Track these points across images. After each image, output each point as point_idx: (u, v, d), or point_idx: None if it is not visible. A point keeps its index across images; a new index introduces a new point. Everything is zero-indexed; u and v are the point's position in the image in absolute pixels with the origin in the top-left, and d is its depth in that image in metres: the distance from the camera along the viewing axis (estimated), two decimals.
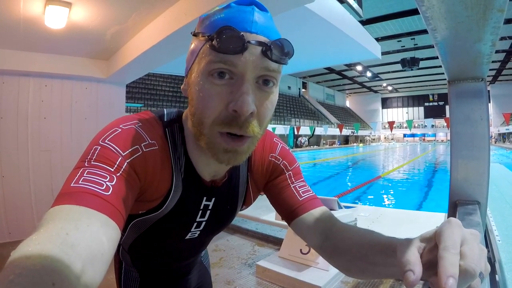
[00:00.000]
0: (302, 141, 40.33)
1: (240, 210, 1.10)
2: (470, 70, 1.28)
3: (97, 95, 5.72)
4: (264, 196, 1.09)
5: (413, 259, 0.52)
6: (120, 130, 0.75)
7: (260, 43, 0.69)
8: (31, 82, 4.98)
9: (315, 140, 45.28)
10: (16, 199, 4.88)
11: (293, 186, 1.00)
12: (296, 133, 36.47)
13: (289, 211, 0.96)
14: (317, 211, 0.95)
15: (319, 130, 41.84)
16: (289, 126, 37.18)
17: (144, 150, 0.76)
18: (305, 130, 38.49)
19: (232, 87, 0.70)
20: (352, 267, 0.83)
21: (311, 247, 0.95)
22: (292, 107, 46.44)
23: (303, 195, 0.98)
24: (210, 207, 0.97)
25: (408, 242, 0.58)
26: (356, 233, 0.84)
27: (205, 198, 0.95)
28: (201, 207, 0.96)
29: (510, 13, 22.07)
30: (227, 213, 1.05)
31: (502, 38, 27.13)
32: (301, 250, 3.88)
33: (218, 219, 1.03)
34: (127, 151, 0.72)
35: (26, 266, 0.40)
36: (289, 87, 50.28)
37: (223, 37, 0.66)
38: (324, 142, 47.13)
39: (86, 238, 0.51)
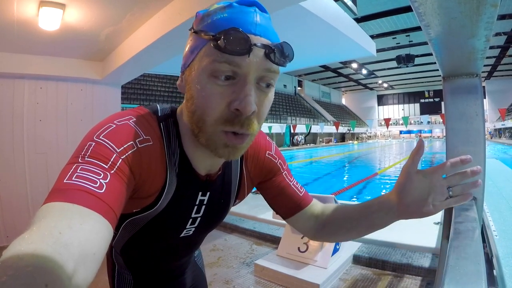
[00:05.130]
0: (299, 139, 40.32)
1: (233, 205, 1.12)
2: (465, 66, 1.28)
3: (93, 96, 5.70)
4: (262, 195, 1.12)
5: None
6: (114, 126, 0.75)
7: (264, 46, 0.70)
8: (26, 85, 4.97)
9: (311, 138, 45.28)
10: (13, 202, 4.87)
11: (292, 184, 1.10)
12: (292, 131, 36.46)
13: (291, 207, 1.08)
14: (313, 203, 1.11)
15: (315, 128, 41.83)
16: (285, 124, 37.17)
17: (139, 146, 0.76)
18: (301, 128, 38.46)
19: (234, 87, 0.71)
20: (334, 232, 1.07)
21: (302, 232, 1.13)
22: (288, 105, 46.37)
23: (301, 191, 1.10)
24: (205, 202, 0.98)
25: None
26: (341, 207, 1.09)
27: (200, 193, 0.95)
28: (197, 202, 0.96)
29: (503, 8, 22.13)
30: (221, 208, 1.05)
31: (497, 34, 27.20)
32: (299, 248, 3.88)
33: (212, 214, 1.04)
34: (122, 148, 0.72)
35: (19, 267, 0.39)
36: (284, 86, 50.22)
37: (230, 38, 0.67)
38: (321, 140, 47.14)
39: (79, 237, 0.50)
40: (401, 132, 64.77)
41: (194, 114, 0.76)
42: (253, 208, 5.96)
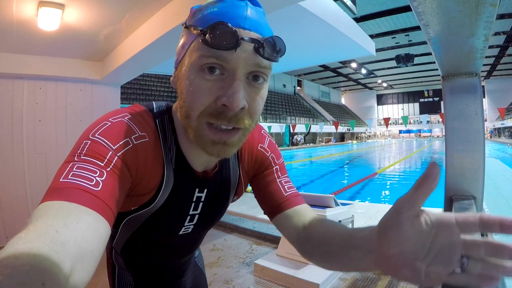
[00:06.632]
0: (298, 139, 40.33)
1: (231, 202, 1.10)
2: (464, 65, 1.28)
3: (92, 96, 5.70)
4: None
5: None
6: (110, 123, 0.75)
7: (252, 40, 0.69)
8: (25, 85, 4.96)
9: (311, 137, 45.32)
10: (13, 203, 4.86)
11: (279, 181, 1.01)
12: (292, 131, 36.47)
13: (273, 205, 0.97)
14: (301, 207, 0.96)
15: (314, 128, 41.84)
16: (284, 124, 37.17)
17: (135, 142, 0.76)
18: (300, 128, 38.46)
19: (223, 82, 0.70)
20: (315, 253, 0.83)
21: (289, 241, 0.96)
22: (288, 105, 46.37)
23: (288, 191, 0.99)
24: (202, 199, 0.97)
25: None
26: (328, 224, 0.85)
27: (197, 189, 0.94)
28: (194, 199, 0.95)
29: (503, 8, 22.14)
30: (219, 205, 1.05)
31: (496, 33, 27.24)
32: None
33: (211, 211, 1.03)
34: (118, 145, 0.72)
35: (15, 266, 0.39)
36: (284, 85, 50.21)
37: (216, 33, 0.66)
38: (320, 139, 47.16)
39: (76, 235, 0.50)
40: (400, 131, 64.90)
41: (182, 109, 0.76)
42: (253, 208, 5.94)
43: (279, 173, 1.04)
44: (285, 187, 1.00)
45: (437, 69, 1.50)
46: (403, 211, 0.53)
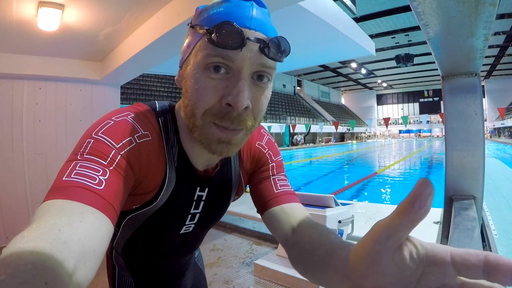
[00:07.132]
0: (298, 139, 40.33)
1: (232, 201, 1.10)
2: (464, 65, 1.28)
3: (92, 97, 5.69)
4: None
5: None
6: (112, 122, 0.75)
7: (258, 40, 0.69)
8: (25, 85, 4.96)
9: (310, 137, 45.29)
10: (13, 203, 4.86)
11: (272, 178, 0.99)
12: (292, 131, 36.46)
13: (262, 202, 0.95)
14: (290, 206, 0.90)
15: (314, 128, 41.81)
16: (284, 124, 37.17)
17: (138, 141, 0.76)
18: (300, 128, 38.45)
19: (228, 82, 0.70)
20: (298, 262, 0.75)
21: (278, 241, 0.88)
22: (287, 105, 46.36)
23: (279, 188, 0.96)
24: (203, 198, 0.97)
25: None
26: (317, 230, 0.76)
27: (198, 188, 0.94)
28: (195, 198, 0.95)
29: (502, 8, 22.12)
30: (220, 204, 1.05)
31: (496, 33, 27.22)
32: None
33: (212, 210, 1.03)
34: (121, 143, 0.72)
35: (18, 265, 0.39)
36: (284, 86, 50.15)
37: (222, 32, 0.66)
38: (320, 139, 47.15)
39: (79, 234, 0.50)
40: (400, 131, 64.88)
41: (187, 108, 0.76)
42: (253, 208, 5.78)
43: (274, 170, 1.02)
44: (278, 184, 0.97)
45: (437, 69, 1.50)
46: (381, 240, 0.40)
